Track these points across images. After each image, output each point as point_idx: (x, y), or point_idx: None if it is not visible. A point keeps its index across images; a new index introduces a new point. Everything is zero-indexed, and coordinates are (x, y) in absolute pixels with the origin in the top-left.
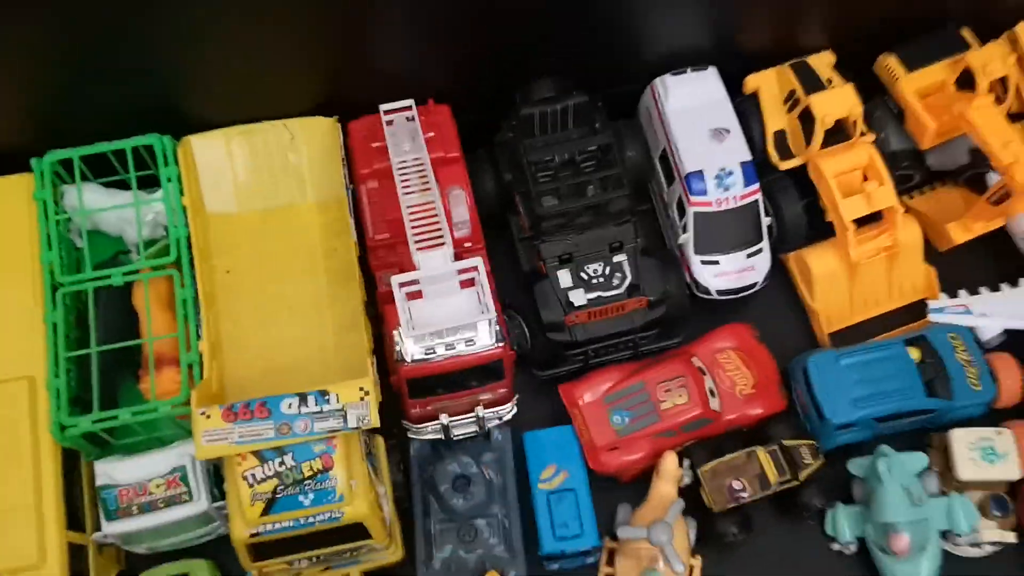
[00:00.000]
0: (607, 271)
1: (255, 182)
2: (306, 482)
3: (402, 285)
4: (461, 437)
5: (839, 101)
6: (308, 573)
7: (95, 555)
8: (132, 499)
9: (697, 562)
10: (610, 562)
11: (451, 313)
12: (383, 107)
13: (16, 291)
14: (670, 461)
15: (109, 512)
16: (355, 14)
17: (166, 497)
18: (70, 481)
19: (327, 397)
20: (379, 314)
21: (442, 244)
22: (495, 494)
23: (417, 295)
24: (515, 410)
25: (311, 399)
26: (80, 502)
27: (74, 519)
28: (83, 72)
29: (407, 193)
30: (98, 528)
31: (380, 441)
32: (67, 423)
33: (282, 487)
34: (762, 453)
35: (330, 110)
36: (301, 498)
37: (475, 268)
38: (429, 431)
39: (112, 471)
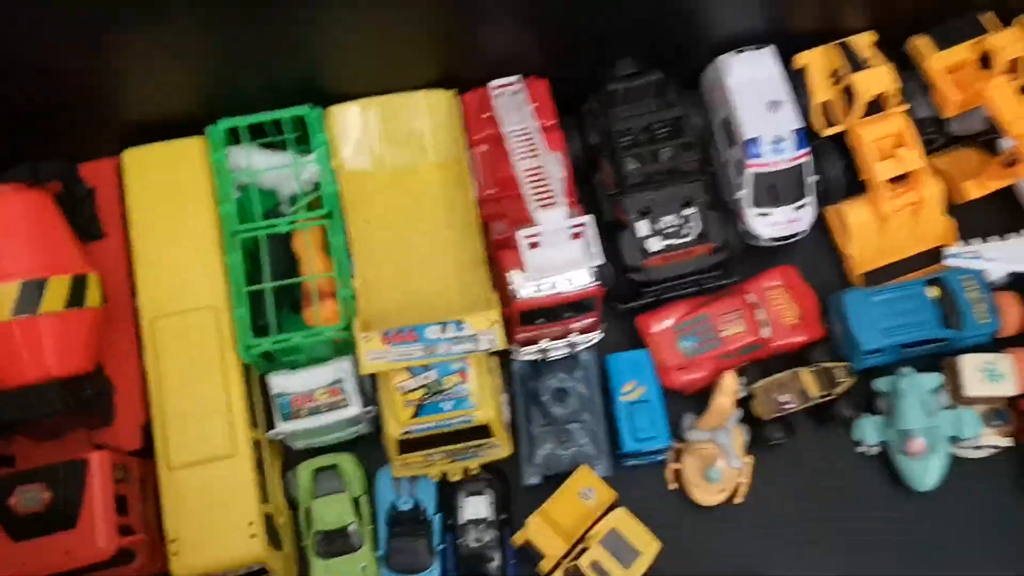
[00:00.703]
0: (679, 222)
1: (386, 145)
2: (446, 391)
3: (527, 237)
4: (555, 358)
5: (878, 79)
6: (439, 463)
7: (267, 447)
8: (302, 404)
9: (750, 460)
10: (676, 460)
11: (563, 260)
12: (492, 83)
13: (198, 245)
14: (729, 378)
15: (284, 415)
16: (469, 3)
17: (328, 403)
18: (250, 390)
19: (463, 325)
20: (490, 257)
21: (556, 204)
22: (585, 404)
23: (535, 245)
24: (602, 335)
25: (450, 327)
26: (253, 407)
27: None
28: (245, 54)
29: (521, 159)
30: (270, 427)
31: (495, 362)
32: (251, 344)
33: (428, 395)
34: (804, 373)
35: (448, 84)
36: (442, 404)
37: (584, 224)
38: (531, 353)
39: (285, 383)
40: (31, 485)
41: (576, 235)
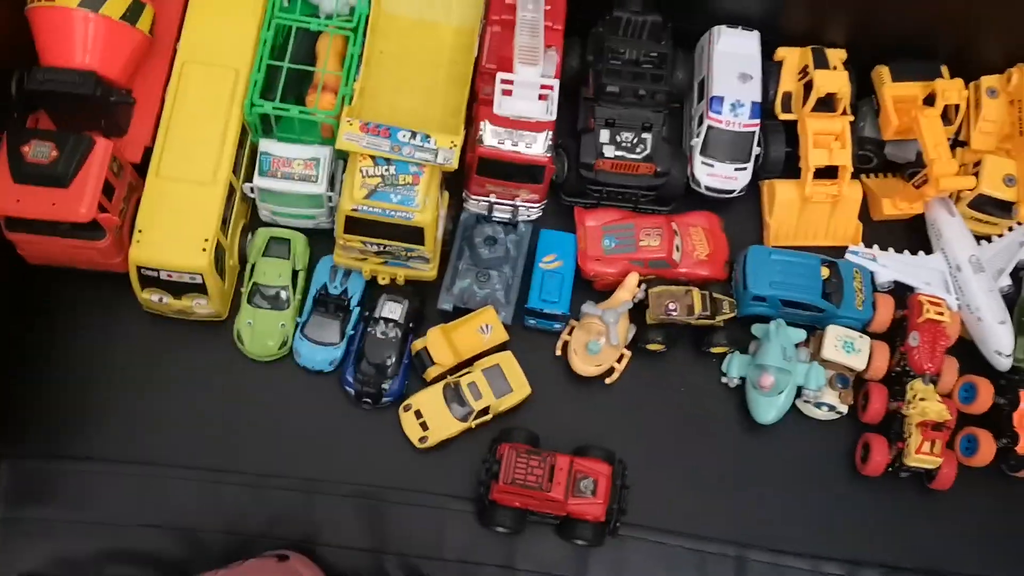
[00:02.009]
0: (634, 140)
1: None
2: (398, 187)
3: (503, 81)
4: (498, 218)
5: (834, 79)
6: (372, 261)
7: (240, 200)
8: (279, 167)
9: (628, 354)
10: (568, 334)
11: (526, 109)
12: None
13: (242, 20)
14: (632, 276)
15: (262, 170)
16: None
17: (301, 174)
18: (242, 148)
19: (429, 139)
20: (473, 116)
21: (536, 63)
22: (509, 260)
23: (508, 92)
24: (540, 214)
25: (419, 136)
26: (241, 161)
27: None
28: None
29: (521, 34)
30: (249, 181)
31: (447, 196)
32: (256, 103)
33: (383, 184)
34: (696, 292)
35: None
36: (392, 195)
37: (551, 87)
38: (480, 206)
39: (271, 146)
40: (44, 141)
41: (543, 96)
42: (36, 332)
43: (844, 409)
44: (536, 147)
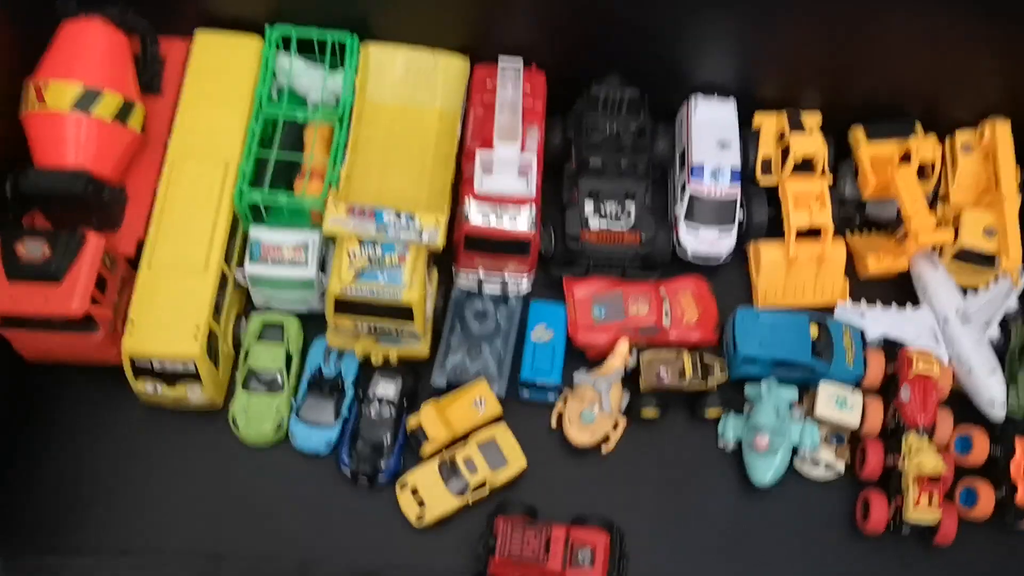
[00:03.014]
0: (618, 210)
1: (403, 86)
2: (385, 268)
3: (482, 158)
4: (488, 292)
5: (809, 142)
6: (364, 340)
7: (232, 287)
8: (269, 253)
9: (623, 421)
10: (563, 405)
11: (507, 186)
12: (501, 57)
13: (231, 114)
14: (623, 343)
15: (253, 257)
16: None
17: (291, 259)
18: (233, 236)
19: (413, 219)
20: (460, 195)
21: (515, 140)
22: (501, 333)
23: (490, 171)
24: (529, 288)
25: (403, 216)
26: (233, 250)
27: (227, 261)
28: None
29: (501, 113)
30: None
31: (435, 272)
32: (245, 191)
33: (370, 266)
34: (687, 356)
35: (465, 52)
36: (379, 275)
37: (530, 163)
38: (469, 279)
39: (261, 233)
40: (38, 239)
41: (523, 172)
42: (33, 427)
43: (841, 467)
44: (520, 221)
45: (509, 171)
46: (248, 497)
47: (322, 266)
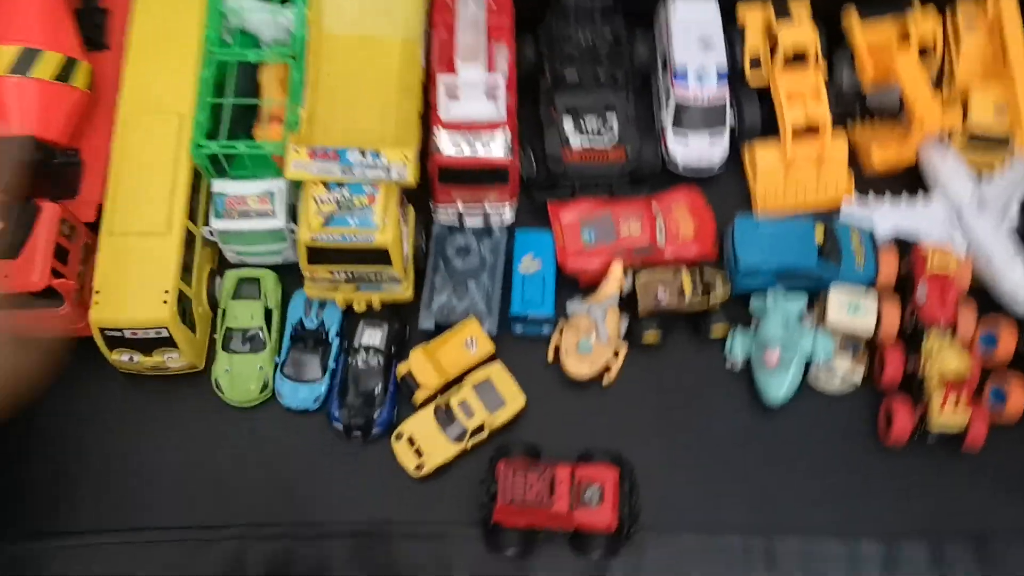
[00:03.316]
0: (600, 126)
1: (361, 15)
2: (354, 210)
3: (445, 83)
4: (470, 225)
5: (800, 32)
6: (344, 289)
7: (201, 245)
8: (234, 206)
9: (623, 348)
10: (558, 336)
11: (475, 112)
12: None
13: (182, 63)
14: (616, 266)
15: (218, 212)
16: None
17: (257, 210)
18: (197, 192)
19: (379, 156)
20: (429, 125)
21: (480, 60)
22: (487, 268)
23: (455, 97)
24: (512, 216)
25: (368, 154)
26: (196, 206)
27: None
28: None
29: (462, 32)
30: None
31: (411, 209)
32: (201, 143)
33: (338, 210)
34: (685, 273)
35: None
36: (349, 219)
37: (496, 84)
38: (449, 214)
39: (224, 186)
40: None
41: (491, 95)
42: None
43: (858, 378)
44: (495, 147)
45: (476, 95)
46: (238, 462)
47: (293, 215)
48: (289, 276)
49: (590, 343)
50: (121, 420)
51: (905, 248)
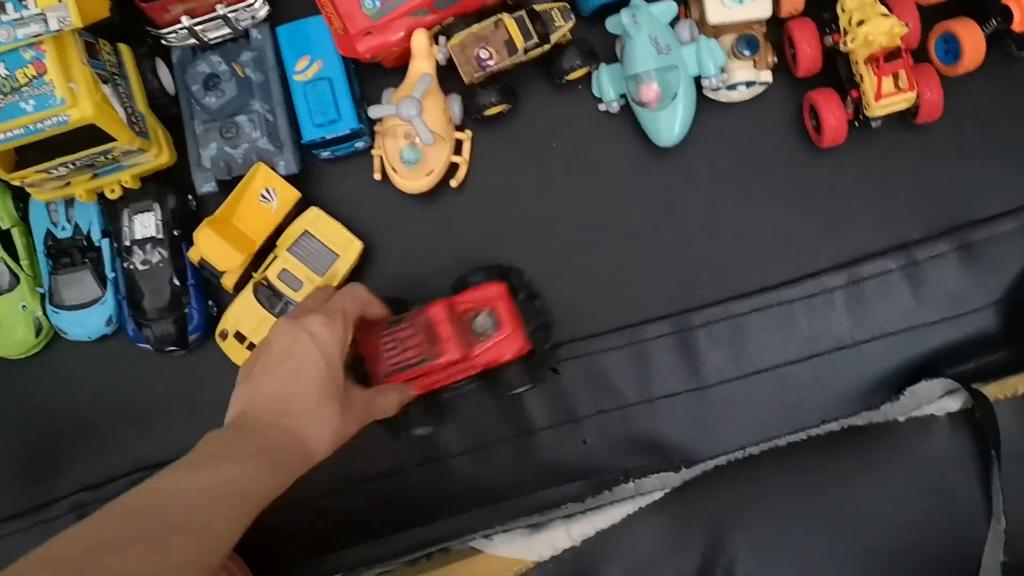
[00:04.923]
0: None
1: None
2: (23, 89)
3: None
4: (219, 40)
5: None
6: (77, 180)
7: None
8: None
9: (467, 135)
10: (381, 146)
11: None
12: None
13: None
14: (419, 37)
15: None
16: None
17: None
18: None
19: (25, 3)
20: None
21: None
22: (255, 91)
23: None
24: (267, 10)
25: (9, 6)
26: None
27: None
28: None
29: None
30: None
31: (125, 49)
32: None
33: (4, 97)
34: (508, 19)
35: None
36: (23, 105)
37: None
38: (181, 35)
39: None
40: None
41: None
42: None
43: (767, 76)
44: None
45: None
46: (39, 425)
47: None
48: (16, 188)
49: (416, 149)
50: None
51: None
